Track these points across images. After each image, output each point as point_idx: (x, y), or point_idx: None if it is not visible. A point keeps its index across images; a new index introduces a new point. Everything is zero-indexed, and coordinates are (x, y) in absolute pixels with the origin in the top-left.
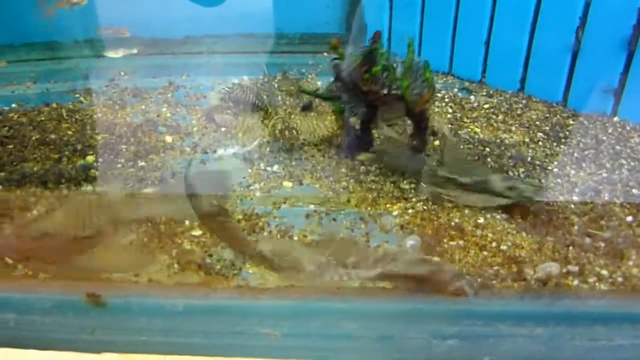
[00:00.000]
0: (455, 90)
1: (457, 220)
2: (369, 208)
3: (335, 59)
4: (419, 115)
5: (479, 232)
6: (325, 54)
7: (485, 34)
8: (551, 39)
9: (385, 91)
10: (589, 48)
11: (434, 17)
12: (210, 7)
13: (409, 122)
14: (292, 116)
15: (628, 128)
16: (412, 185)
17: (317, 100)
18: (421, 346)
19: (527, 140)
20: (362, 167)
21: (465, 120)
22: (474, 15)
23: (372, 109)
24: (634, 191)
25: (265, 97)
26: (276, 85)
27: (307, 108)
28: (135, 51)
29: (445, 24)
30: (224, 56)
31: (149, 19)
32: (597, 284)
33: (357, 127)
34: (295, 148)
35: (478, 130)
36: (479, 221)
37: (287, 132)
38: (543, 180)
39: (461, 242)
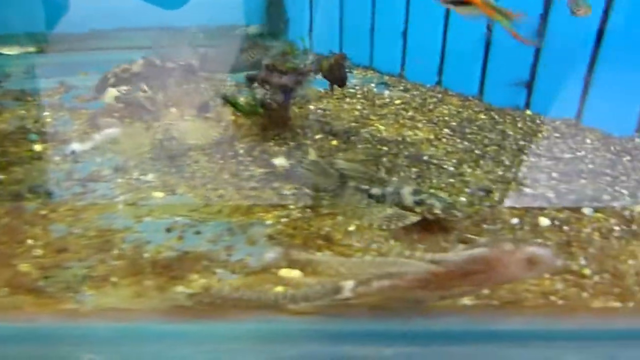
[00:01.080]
0: (373, 85)
1: (328, 228)
2: (241, 218)
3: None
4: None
5: (346, 241)
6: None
7: (403, 25)
8: (465, 29)
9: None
10: (500, 39)
11: (354, 10)
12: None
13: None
14: (185, 118)
15: (538, 122)
16: (294, 191)
17: (217, 100)
18: None
19: (431, 137)
20: (247, 173)
21: (372, 117)
22: (390, 6)
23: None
24: (527, 190)
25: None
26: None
27: (203, 110)
28: (32, 48)
29: (363, 16)
30: (133, 51)
31: (52, 10)
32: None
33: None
34: (177, 155)
35: (382, 128)
36: (350, 229)
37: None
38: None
39: (328, 253)
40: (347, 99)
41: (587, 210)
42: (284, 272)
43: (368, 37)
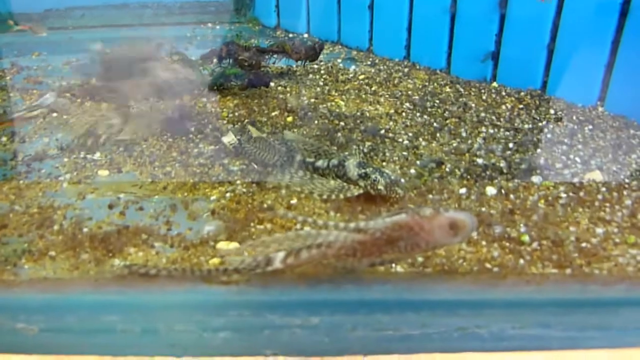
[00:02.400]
0: (339, 60)
1: (270, 202)
2: (185, 194)
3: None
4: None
5: (288, 214)
6: (209, 24)
7: None
8: (430, 1)
9: None
10: (464, 9)
11: None
12: None
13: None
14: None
15: (503, 94)
16: (242, 166)
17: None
18: (192, 340)
19: (391, 111)
20: (196, 150)
21: (334, 93)
22: None
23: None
24: (479, 161)
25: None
26: None
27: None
28: None
29: None
30: (90, 30)
31: None
32: (393, 267)
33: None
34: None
35: (342, 103)
36: (292, 202)
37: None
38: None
39: (268, 226)
40: (310, 75)
41: (536, 179)
42: (221, 245)
43: (335, 11)
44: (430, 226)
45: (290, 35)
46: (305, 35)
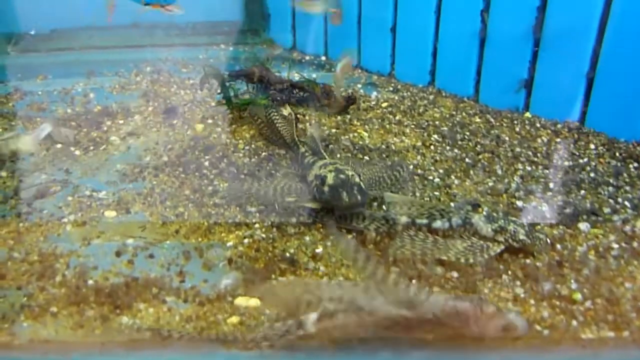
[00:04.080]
0: (359, 86)
1: (292, 250)
2: (199, 239)
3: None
4: None
5: (312, 264)
6: (222, 45)
7: (391, 19)
8: (457, 24)
9: None
10: (496, 33)
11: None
12: None
13: None
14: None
15: (538, 125)
16: (259, 207)
17: (185, 106)
18: None
19: (418, 144)
20: (210, 188)
21: (355, 122)
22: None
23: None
24: (518, 203)
25: None
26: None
27: (171, 112)
28: None
29: (350, 10)
30: (99, 52)
31: (8, 8)
32: None
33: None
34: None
35: (365, 134)
36: (317, 251)
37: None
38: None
39: (292, 278)
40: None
41: (583, 226)
42: (240, 301)
43: (355, 32)
44: (485, 322)
45: (307, 57)
46: (323, 58)
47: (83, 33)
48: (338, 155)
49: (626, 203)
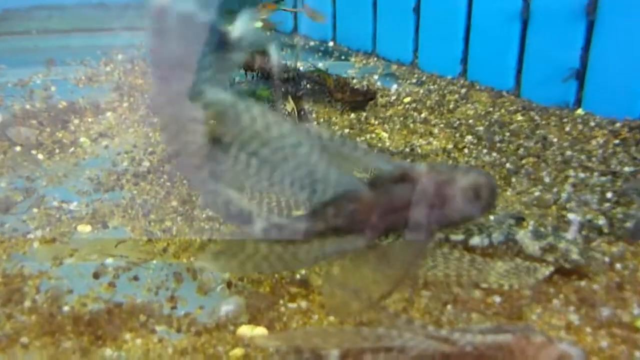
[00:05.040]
0: (376, 77)
1: (304, 271)
2: (192, 258)
3: None
4: None
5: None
6: None
7: None
8: (494, 2)
9: None
10: (541, 13)
11: None
12: None
13: None
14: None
15: (592, 124)
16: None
17: None
18: None
19: (449, 146)
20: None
21: (373, 121)
22: None
23: None
24: (570, 216)
25: None
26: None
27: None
28: None
29: None
30: (60, 36)
31: None
32: None
33: None
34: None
35: (385, 135)
36: (332, 272)
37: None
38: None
39: (303, 304)
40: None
41: None
42: (244, 330)
43: (370, 14)
44: (534, 354)
45: (312, 43)
46: (331, 44)
47: (40, 13)
48: None
49: None
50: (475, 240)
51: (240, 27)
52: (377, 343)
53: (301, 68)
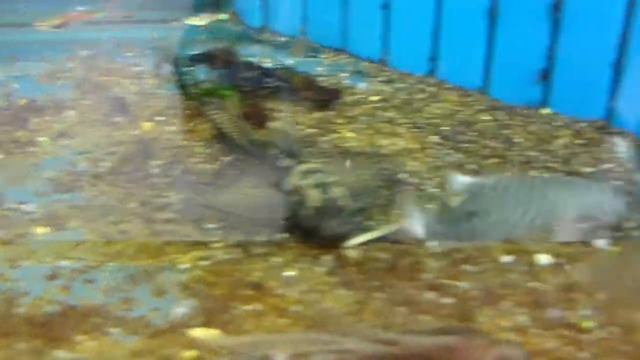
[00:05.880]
0: (345, 75)
1: (259, 273)
2: (149, 261)
3: None
4: None
5: (281, 290)
6: (174, 23)
7: None
8: (463, 0)
9: None
10: (509, 10)
11: None
12: None
13: None
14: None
15: (558, 124)
16: (220, 224)
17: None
18: None
19: (415, 146)
20: (161, 200)
21: (338, 121)
22: None
23: None
24: None
25: None
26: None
27: (116, 106)
28: None
29: None
30: (20, 29)
31: None
32: None
33: None
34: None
35: (350, 135)
36: (290, 274)
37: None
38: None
39: (258, 306)
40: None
41: (601, 243)
42: (198, 332)
43: (338, 9)
44: (478, 356)
45: (282, 39)
46: (300, 38)
47: (2, 7)
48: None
49: None
50: None
51: None
52: (324, 347)
53: (268, 65)
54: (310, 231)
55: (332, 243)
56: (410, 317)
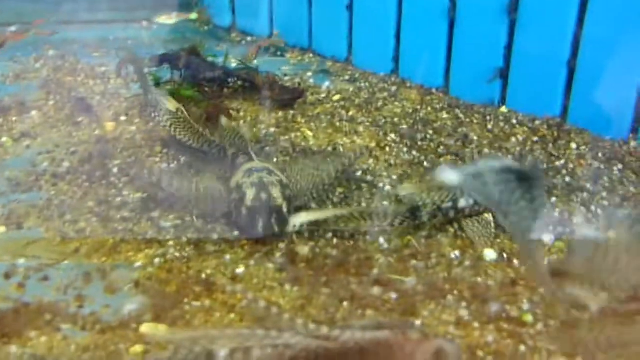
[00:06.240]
0: (310, 74)
1: (210, 271)
2: (103, 259)
3: None
4: None
5: (230, 287)
6: (143, 23)
7: None
8: (423, 1)
9: None
10: (467, 12)
11: None
12: None
13: None
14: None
15: (514, 122)
16: (174, 222)
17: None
18: None
19: (373, 145)
20: (118, 199)
21: (300, 119)
22: None
23: None
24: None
25: None
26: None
27: (80, 107)
28: None
29: None
30: None
31: None
32: None
33: None
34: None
35: (310, 133)
36: (238, 271)
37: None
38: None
39: (207, 302)
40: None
41: (547, 238)
42: (147, 328)
43: (306, 10)
44: (412, 350)
45: (249, 39)
46: (269, 39)
47: None
48: (274, 160)
49: (599, 211)
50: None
51: None
52: (261, 342)
53: (232, 65)
54: (245, 227)
55: (267, 239)
56: (353, 312)
